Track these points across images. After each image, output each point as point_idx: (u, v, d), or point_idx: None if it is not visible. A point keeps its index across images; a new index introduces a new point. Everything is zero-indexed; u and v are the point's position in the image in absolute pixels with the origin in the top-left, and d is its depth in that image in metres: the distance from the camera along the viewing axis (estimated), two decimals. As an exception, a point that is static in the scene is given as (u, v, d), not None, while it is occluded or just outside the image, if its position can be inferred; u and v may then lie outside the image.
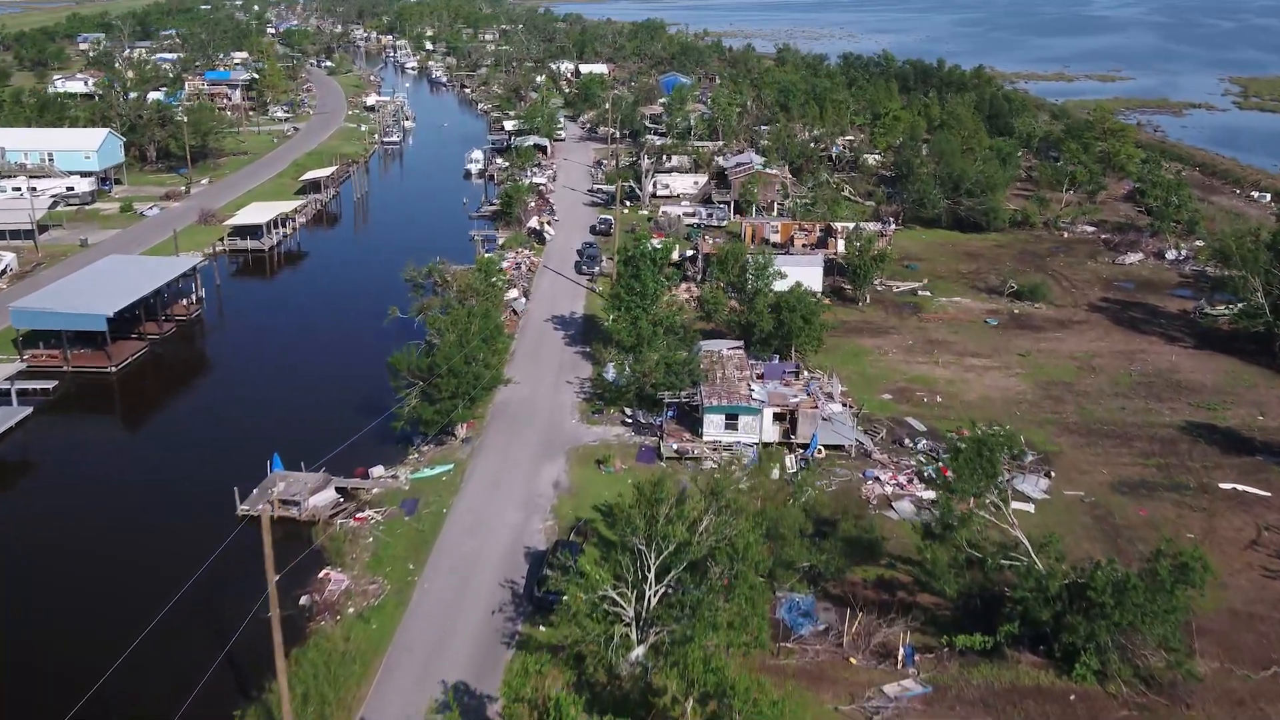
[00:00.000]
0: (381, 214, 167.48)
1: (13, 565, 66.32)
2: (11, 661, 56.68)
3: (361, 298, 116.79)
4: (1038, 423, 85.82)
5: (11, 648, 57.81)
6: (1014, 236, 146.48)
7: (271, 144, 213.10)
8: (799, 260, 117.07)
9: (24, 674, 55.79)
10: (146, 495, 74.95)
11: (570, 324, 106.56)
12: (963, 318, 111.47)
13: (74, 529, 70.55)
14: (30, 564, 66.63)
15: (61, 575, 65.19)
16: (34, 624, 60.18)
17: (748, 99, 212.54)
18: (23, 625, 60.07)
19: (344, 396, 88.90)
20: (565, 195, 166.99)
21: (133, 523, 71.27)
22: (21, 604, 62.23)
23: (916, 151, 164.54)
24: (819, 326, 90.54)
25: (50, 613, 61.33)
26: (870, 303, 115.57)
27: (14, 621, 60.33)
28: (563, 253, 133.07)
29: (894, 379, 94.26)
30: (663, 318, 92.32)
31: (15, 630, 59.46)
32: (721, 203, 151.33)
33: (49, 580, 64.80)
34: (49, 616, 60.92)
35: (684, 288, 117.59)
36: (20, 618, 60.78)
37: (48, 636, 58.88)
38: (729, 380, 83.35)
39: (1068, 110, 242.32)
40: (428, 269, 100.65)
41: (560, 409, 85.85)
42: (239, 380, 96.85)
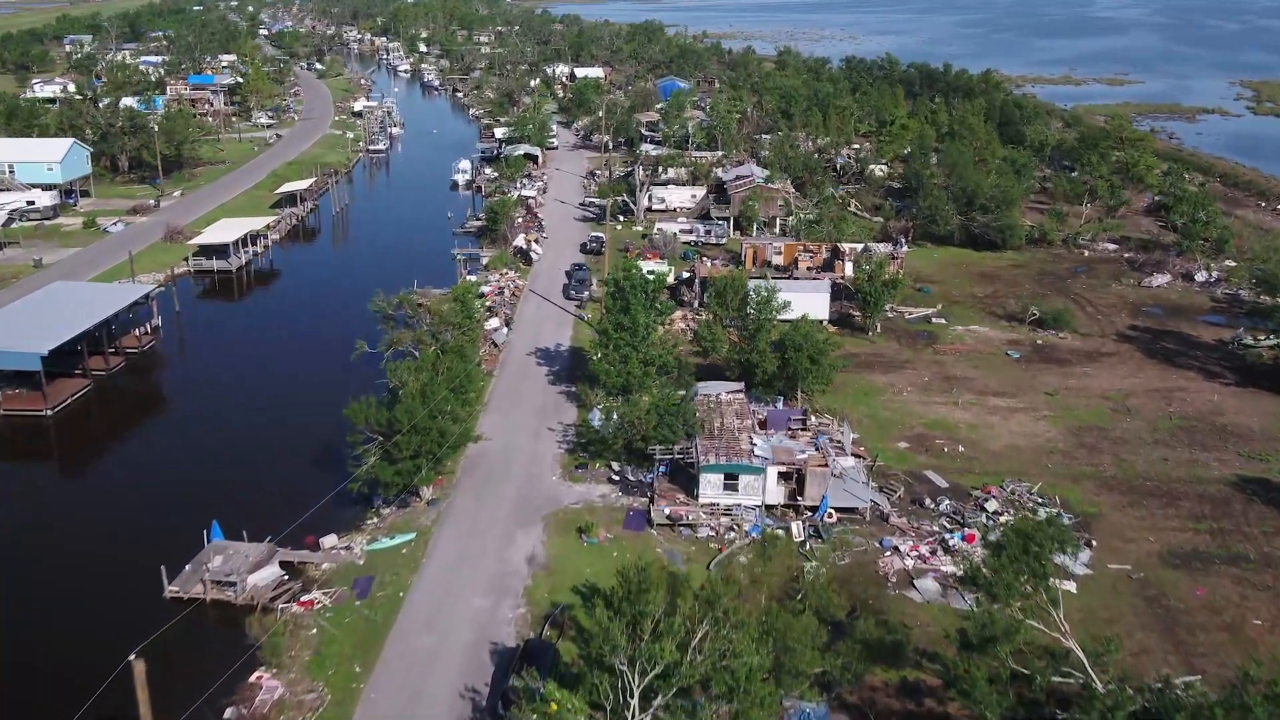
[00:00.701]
0: (362, 228, 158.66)
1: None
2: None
3: (332, 325, 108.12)
4: (1072, 477, 76.99)
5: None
6: (1031, 255, 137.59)
7: (252, 152, 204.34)
8: (804, 286, 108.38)
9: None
10: (63, 569, 65.96)
11: (555, 358, 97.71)
12: (982, 349, 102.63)
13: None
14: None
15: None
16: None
17: (748, 106, 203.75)
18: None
19: (300, 447, 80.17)
20: (555, 209, 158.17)
21: (40, 607, 62.31)
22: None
23: (926, 163, 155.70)
24: (828, 367, 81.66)
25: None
26: (881, 332, 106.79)
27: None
28: (550, 274, 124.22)
29: (910, 423, 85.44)
30: (655, 357, 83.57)
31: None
32: (720, 219, 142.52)
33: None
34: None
35: (679, 315, 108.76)
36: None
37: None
38: (728, 431, 74.53)
39: (1080, 117, 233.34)
40: (398, 300, 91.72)
41: (540, 462, 76.98)
42: (186, 425, 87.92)
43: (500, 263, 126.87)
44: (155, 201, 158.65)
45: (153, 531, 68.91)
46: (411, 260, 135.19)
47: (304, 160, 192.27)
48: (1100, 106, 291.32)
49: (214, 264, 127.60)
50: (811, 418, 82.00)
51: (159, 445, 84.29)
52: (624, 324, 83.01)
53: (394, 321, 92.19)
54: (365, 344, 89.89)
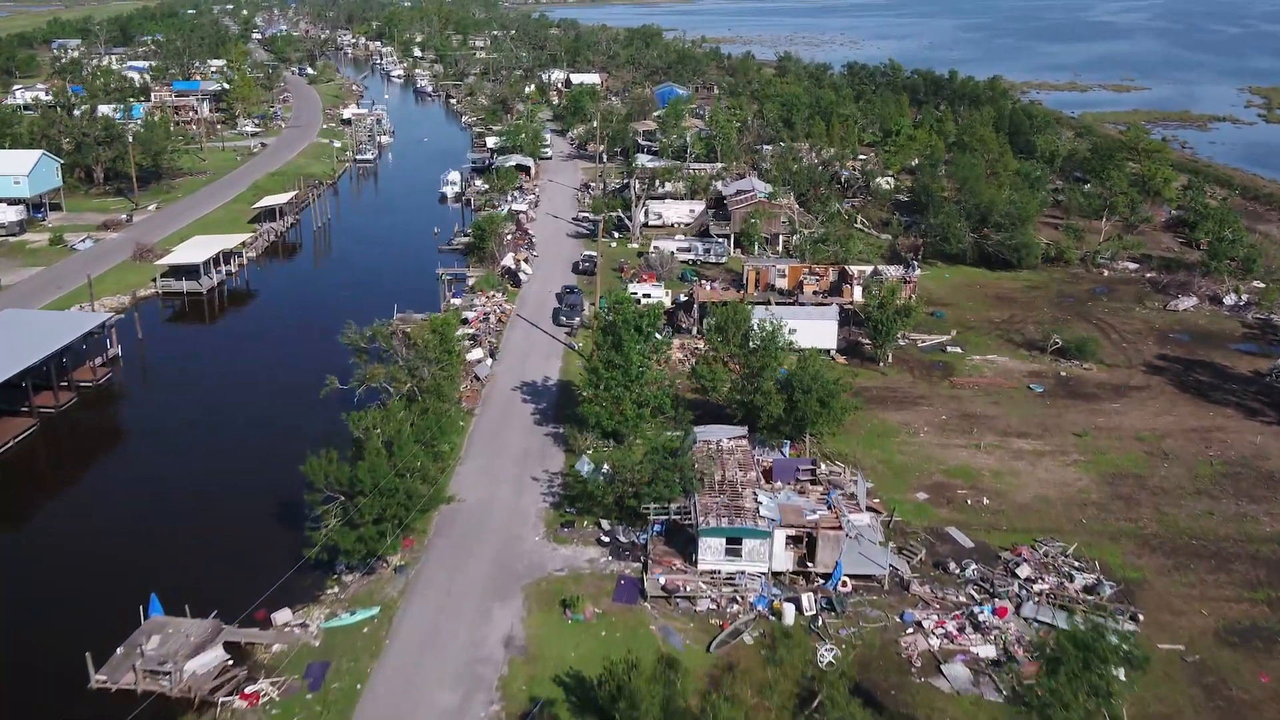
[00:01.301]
0: (345, 244, 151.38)
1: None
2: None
3: (307, 353, 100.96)
4: (1110, 534, 69.76)
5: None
6: (1048, 275, 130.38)
7: (234, 162, 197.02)
8: (810, 313, 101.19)
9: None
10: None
11: (542, 394, 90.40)
12: (1002, 383, 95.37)
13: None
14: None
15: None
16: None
17: (748, 115, 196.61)
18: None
19: (258, 503, 72.63)
20: (547, 224, 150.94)
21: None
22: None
23: (936, 177, 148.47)
24: (840, 411, 74.37)
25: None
26: (893, 362, 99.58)
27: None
28: (539, 298, 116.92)
29: (928, 470, 78.16)
30: (649, 398, 76.32)
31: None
32: (720, 236, 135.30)
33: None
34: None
35: (677, 344, 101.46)
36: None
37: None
38: (730, 485, 67.27)
39: (1092, 126, 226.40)
40: (370, 331, 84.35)
41: (522, 519, 69.61)
42: (135, 472, 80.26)
43: (487, 284, 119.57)
44: (128, 216, 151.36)
45: (86, 602, 61.60)
46: (395, 279, 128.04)
47: (287, 171, 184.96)
48: (1109, 114, 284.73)
49: (183, 285, 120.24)
50: (821, 465, 74.79)
51: (103, 497, 76.52)
52: (615, 362, 75.72)
53: (367, 355, 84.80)
54: (336, 380, 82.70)
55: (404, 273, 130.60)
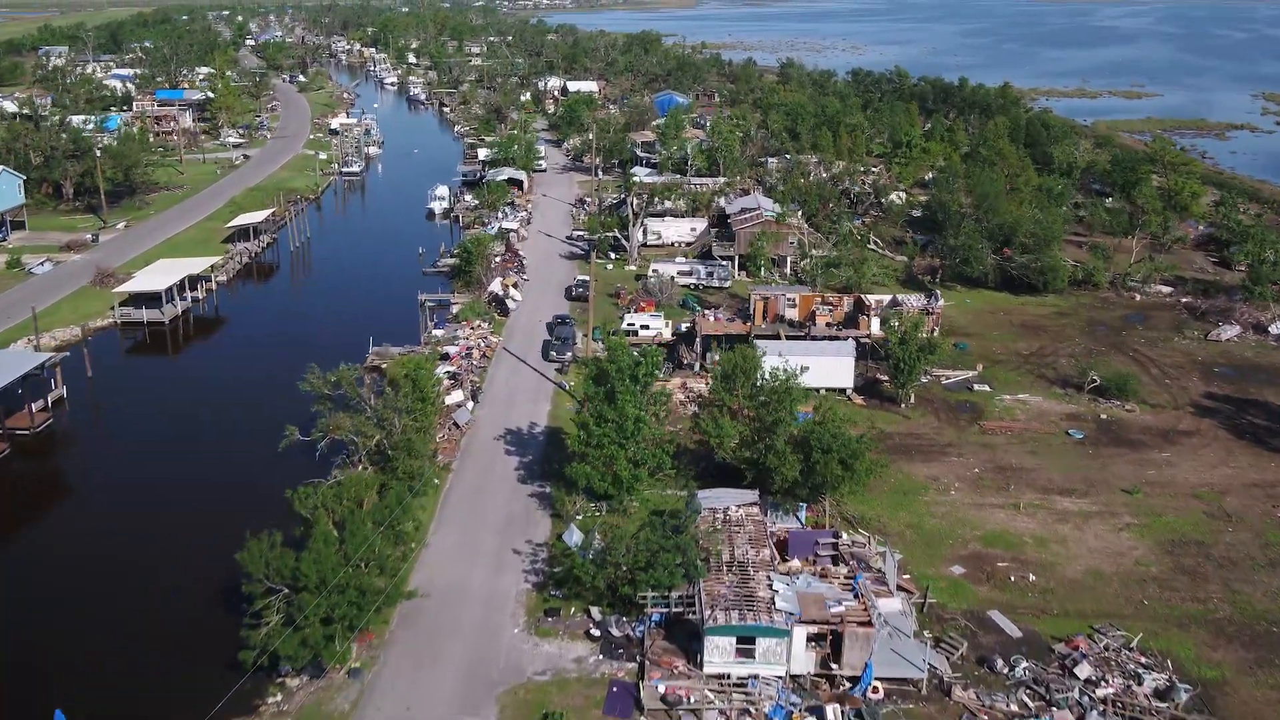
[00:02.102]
0: (325, 265, 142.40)
1: None
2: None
3: (275, 392, 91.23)
4: (1178, 620, 60.65)
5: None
6: (1076, 300, 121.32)
7: (214, 176, 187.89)
8: (823, 349, 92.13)
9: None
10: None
11: (528, 443, 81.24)
12: (1038, 428, 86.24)
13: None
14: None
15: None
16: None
17: (751, 125, 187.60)
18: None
19: (193, 587, 63.01)
20: (540, 244, 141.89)
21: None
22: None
23: (954, 194, 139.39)
24: (866, 471, 65.20)
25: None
26: (915, 403, 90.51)
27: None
28: (529, 328, 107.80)
29: (963, 536, 69.02)
30: (646, 457, 67.20)
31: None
32: (724, 258, 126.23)
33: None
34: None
35: (678, 383, 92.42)
36: None
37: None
38: (740, 566, 58.18)
39: (1111, 137, 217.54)
40: (335, 377, 75.13)
41: (500, 605, 60.38)
42: (60, 546, 69.91)
43: (472, 313, 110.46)
44: (93, 236, 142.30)
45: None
46: (375, 305, 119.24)
47: (268, 186, 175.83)
48: (1122, 122, 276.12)
49: (144, 314, 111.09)
50: (843, 536, 65.65)
51: (19, 581, 66.80)
52: (608, 416, 66.59)
53: (331, 403, 75.56)
54: (297, 431, 73.60)
55: (385, 298, 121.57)
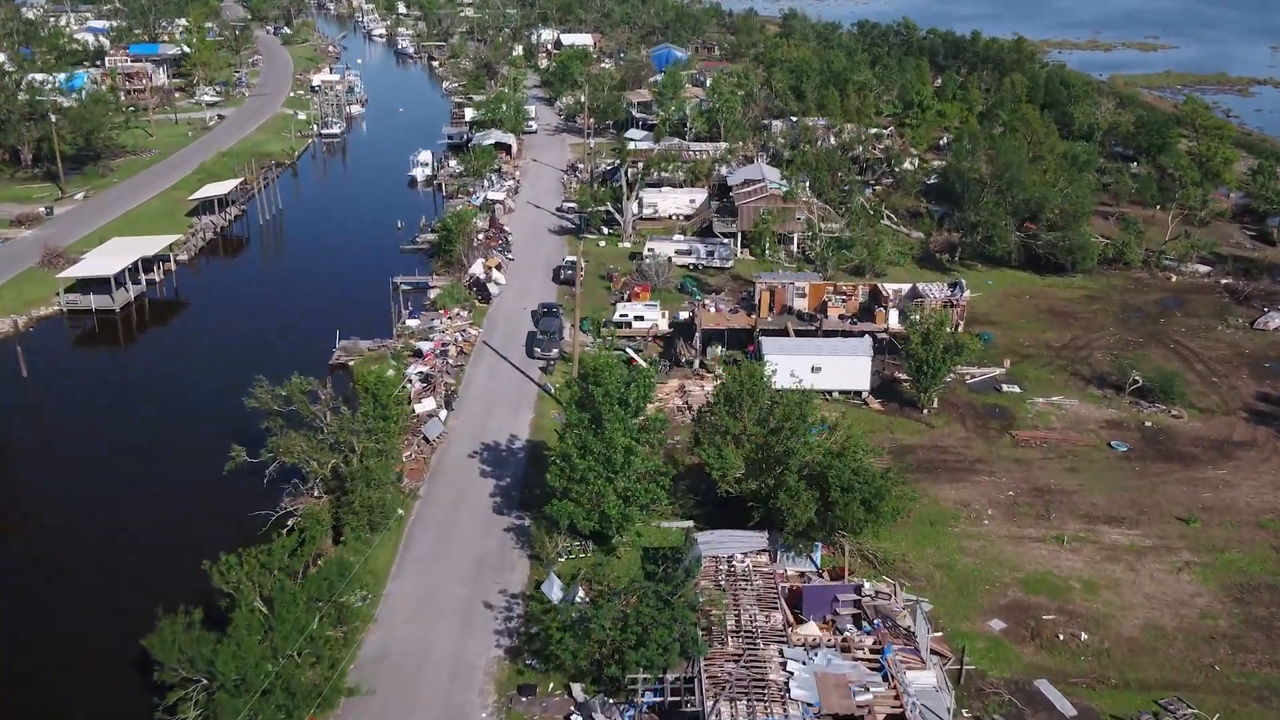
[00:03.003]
0: (298, 240, 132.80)
1: None
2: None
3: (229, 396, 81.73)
4: (1256, 690, 52.10)
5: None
6: (1107, 282, 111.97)
7: (185, 139, 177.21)
8: (837, 348, 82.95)
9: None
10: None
11: (507, 462, 72.22)
12: (1076, 439, 77.26)
13: None
14: None
15: None
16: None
17: (754, 84, 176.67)
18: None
19: (101, 670, 53.50)
20: (527, 216, 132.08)
21: None
22: None
23: (974, 162, 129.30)
24: (892, 513, 56.24)
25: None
26: (938, 407, 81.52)
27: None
28: (512, 318, 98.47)
29: (1001, 580, 60.31)
30: (638, 493, 58.24)
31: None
32: (725, 235, 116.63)
33: None
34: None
35: (674, 385, 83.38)
36: None
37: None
38: (745, 635, 49.48)
39: (1134, 96, 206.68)
40: (285, 390, 65.88)
41: (466, 677, 51.60)
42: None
43: (450, 299, 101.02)
44: (48, 209, 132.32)
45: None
46: (349, 287, 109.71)
47: (240, 150, 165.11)
48: (1139, 76, 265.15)
49: (91, 301, 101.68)
50: (865, 585, 56.92)
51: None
52: (593, 448, 57.55)
53: (283, 420, 66.39)
54: (243, 452, 64.63)
55: (360, 278, 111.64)
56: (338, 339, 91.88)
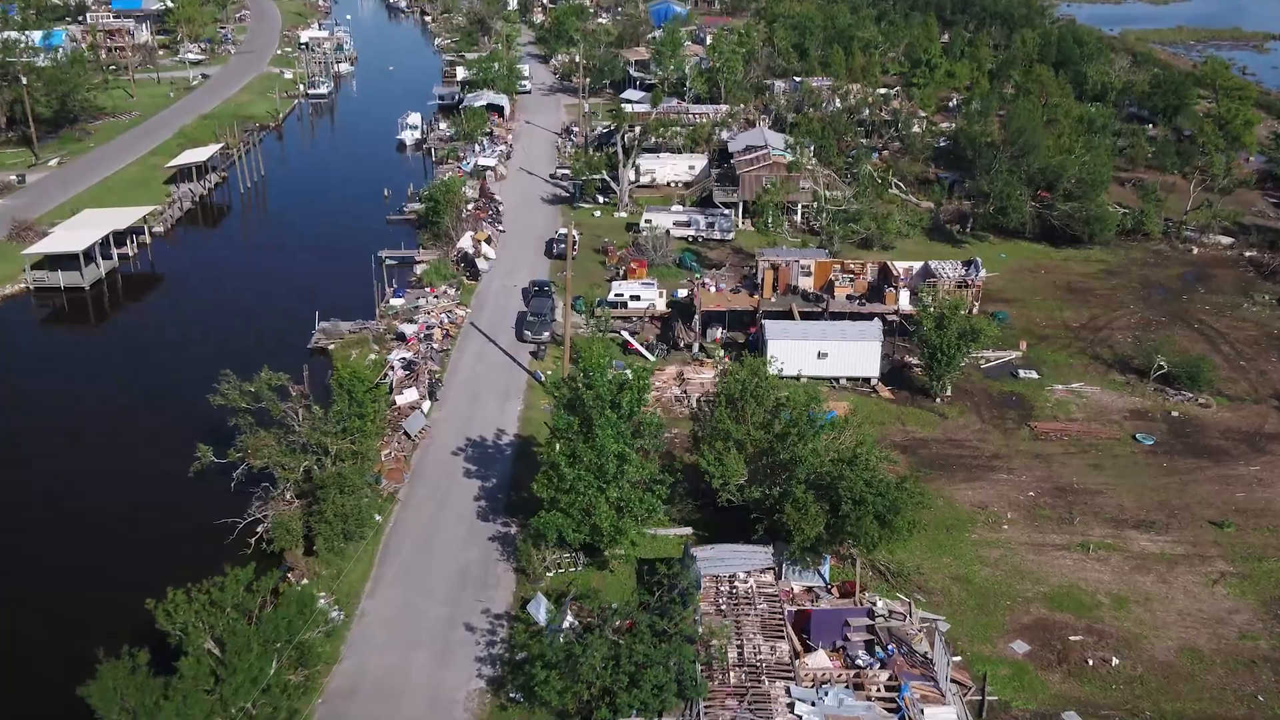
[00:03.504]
0: (280, 209, 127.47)
1: None
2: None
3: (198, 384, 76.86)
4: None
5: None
6: (1125, 255, 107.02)
7: (167, 100, 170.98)
8: (845, 332, 78.15)
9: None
10: None
11: (493, 460, 67.68)
12: (1099, 432, 72.70)
13: None
14: None
15: None
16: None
17: (756, 42, 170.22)
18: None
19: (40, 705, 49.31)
20: (520, 184, 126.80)
21: None
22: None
23: (986, 126, 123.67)
24: (908, 527, 51.74)
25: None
26: (951, 395, 76.90)
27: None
28: (502, 297, 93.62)
29: (1024, 595, 55.99)
30: (632, 504, 53.75)
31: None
32: (726, 205, 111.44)
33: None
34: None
35: (672, 372, 78.69)
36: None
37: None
38: (751, 672, 45.21)
39: (1149, 53, 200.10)
40: (253, 386, 61.21)
41: (445, 711, 47.36)
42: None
43: (437, 275, 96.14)
44: (19, 177, 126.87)
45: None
46: (333, 261, 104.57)
47: (222, 113, 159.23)
48: (1152, 32, 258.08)
49: (60, 278, 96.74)
50: (879, 604, 52.64)
51: None
52: (584, 456, 52.97)
53: (252, 418, 61.72)
54: (210, 451, 60.21)
55: (345, 251, 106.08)
56: (317, 321, 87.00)
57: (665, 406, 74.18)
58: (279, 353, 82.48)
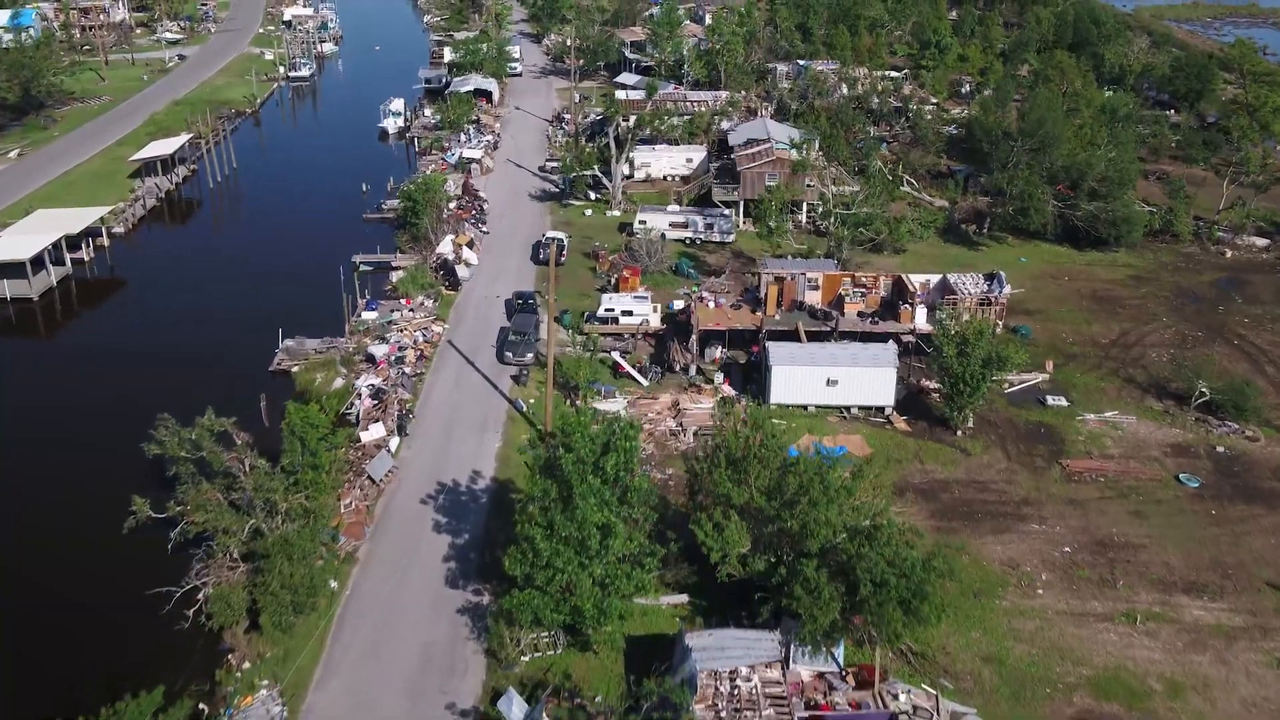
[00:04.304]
0: (253, 204, 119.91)
1: None
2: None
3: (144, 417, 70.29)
4: None
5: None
6: (1154, 258, 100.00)
7: (140, 83, 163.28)
8: (856, 355, 71.07)
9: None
10: None
11: (466, 511, 60.65)
12: (1139, 472, 65.70)
13: None
14: None
15: None
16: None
17: (757, 22, 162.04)
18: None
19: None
20: (507, 177, 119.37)
21: None
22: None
23: (1003, 115, 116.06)
24: (936, 613, 44.76)
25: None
26: (973, 427, 69.90)
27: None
28: (483, 309, 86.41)
29: (1065, 682, 49.10)
30: (619, 579, 46.81)
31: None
32: (725, 205, 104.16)
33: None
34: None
35: (666, 401, 71.64)
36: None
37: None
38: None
39: (1168, 33, 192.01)
40: (194, 434, 54.05)
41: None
42: None
43: (414, 285, 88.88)
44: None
45: None
46: (304, 265, 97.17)
47: (196, 98, 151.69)
48: (1167, 8, 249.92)
49: (6, 288, 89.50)
50: (900, 696, 45.86)
51: None
52: (561, 529, 46.00)
53: (194, 467, 54.47)
54: (147, 505, 53.15)
55: (318, 253, 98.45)
56: (281, 339, 79.82)
57: (659, 442, 67.29)
58: (238, 376, 76.01)
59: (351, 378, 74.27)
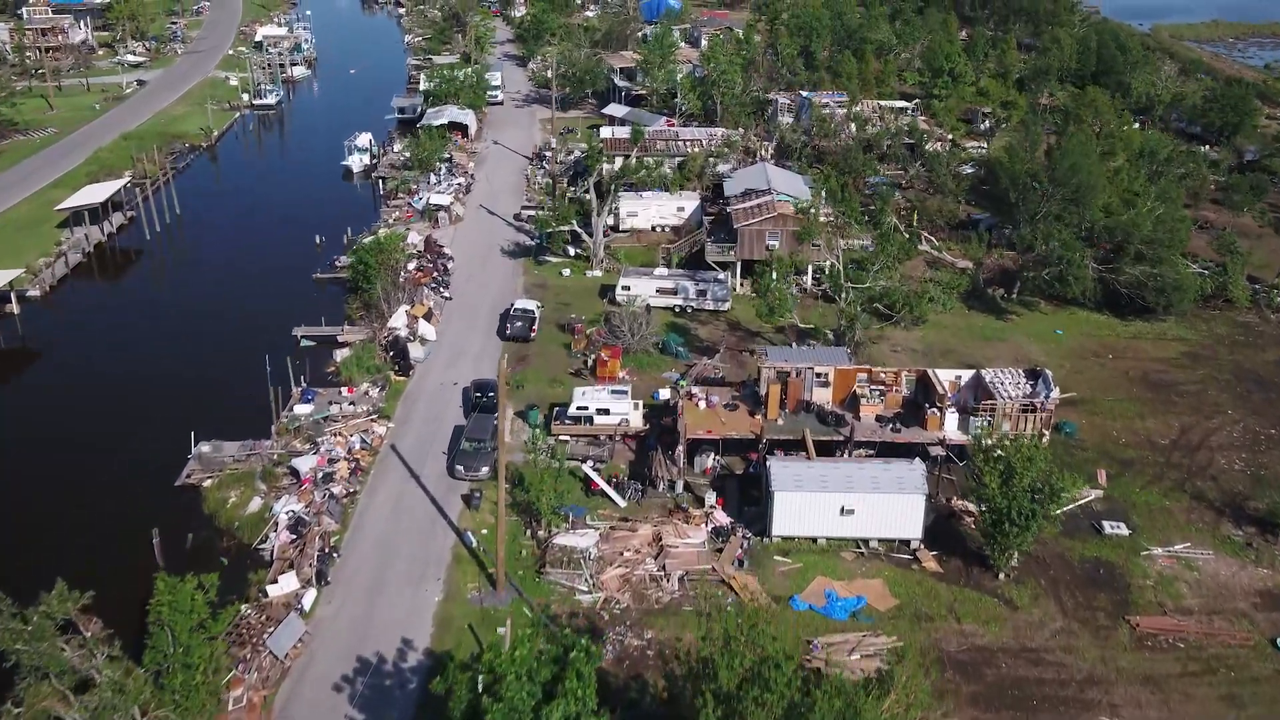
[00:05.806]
0: (194, 258, 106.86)
1: None
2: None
3: (29, 541, 58.81)
4: None
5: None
6: (1207, 329, 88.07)
7: (91, 112, 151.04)
8: (878, 479, 58.76)
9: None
10: None
11: (391, 701, 48.30)
12: (1224, 636, 53.45)
13: None
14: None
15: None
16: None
17: (756, 49, 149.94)
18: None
19: None
20: (478, 227, 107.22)
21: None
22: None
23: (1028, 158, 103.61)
24: None
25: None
26: (1018, 567, 57.63)
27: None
28: (437, 402, 74.10)
29: None
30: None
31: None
32: (720, 266, 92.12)
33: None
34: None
35: (647, 533, 59.41)
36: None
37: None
38: None
39: (1197, 59, 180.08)
40: (35, 620, 41.86)
41: None
42: None
43: (359, 368, 76.71)
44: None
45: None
46: (243, 334, 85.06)
47: (148, 131, 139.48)
48: (1185, 26, 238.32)
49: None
50: None
51: None
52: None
53: (35, 661, 42.18)
54: None
55: (258, 322, 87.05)
56: (193, 444, 67.49)
57: (637, 592, 55.10)
58: (136, 492, 63.87)
59: (271, 498, 62.07)
